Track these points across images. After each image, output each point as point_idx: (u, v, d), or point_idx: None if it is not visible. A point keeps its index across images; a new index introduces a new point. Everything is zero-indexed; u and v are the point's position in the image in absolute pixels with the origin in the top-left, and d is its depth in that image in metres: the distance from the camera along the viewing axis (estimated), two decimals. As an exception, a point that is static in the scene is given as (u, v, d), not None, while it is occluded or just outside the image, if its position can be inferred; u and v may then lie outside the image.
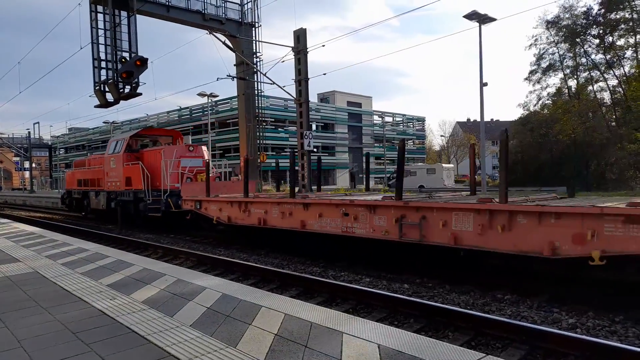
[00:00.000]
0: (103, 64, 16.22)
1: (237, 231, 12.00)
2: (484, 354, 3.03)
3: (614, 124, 34.01)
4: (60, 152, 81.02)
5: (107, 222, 18.10)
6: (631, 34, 33.91)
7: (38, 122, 71.44)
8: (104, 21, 16.27)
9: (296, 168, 14.48)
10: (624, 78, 34.35)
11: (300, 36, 19.67)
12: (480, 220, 6.43)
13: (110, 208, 17.35)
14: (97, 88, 16.04)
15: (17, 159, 64.64)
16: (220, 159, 47.61)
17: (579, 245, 5.53)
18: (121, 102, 16.13)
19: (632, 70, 33.87)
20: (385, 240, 7.79)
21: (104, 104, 16.30)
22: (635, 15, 33.41)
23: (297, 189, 13.33)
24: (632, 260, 5.39)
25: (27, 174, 61.64)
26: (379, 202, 7.94)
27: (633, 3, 33.17)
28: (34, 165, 67.16)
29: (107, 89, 15.88)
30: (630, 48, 34.32)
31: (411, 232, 7.32)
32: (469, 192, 9.77)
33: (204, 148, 16.80)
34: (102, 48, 16.26)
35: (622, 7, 33.37)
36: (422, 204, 7.29)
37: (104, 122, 60.60)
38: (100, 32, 16.29)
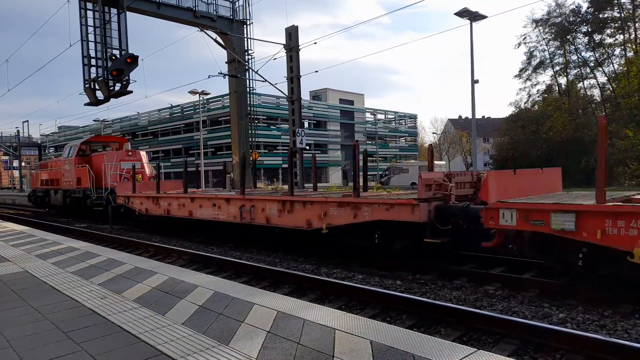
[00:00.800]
0: (93, 62, 16.05)
1: (155, 220, 14.47)
2: (475, 349, 3.05)
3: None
4: (50, 151, 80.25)
5: (64, 217, 20.90)
6: (620, 32, 34.26)
7: (27, 121, 70.37)
8: (94, 18, 16.09)
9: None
10: (613, 75, 34.70)
11: (292, 34, 19.63)
12: (279, 206, 9.77)
13: (66, 204, 20.31)
14: (87, 86, 15.88)
15: (6, 157, 63.96)
16: (211, 157, 47.45)
17: (319, 221, 8.78)
18: (111, 100, 16.00)
19: (621, 68, 34.22)
20: (235, 222, 10.88)
21: (94, 102, 16.16)
22: (623, 14, 33.74)
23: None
24: (342, 228, 8.54)
25: (16, 172, 61.04)
26: (232, 196, 11.06)
27: (622, 2, 33.51)
28: (23, 164, 66.42)
29: (97, 87, 15.73)
30: (618, 46, 34.68)
31: (246, 216, 10.48)
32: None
33: (143, 153, 20.20)
34: (92, 45, 16.08)
35: (610, 6, 33.68)
36: (251, 197, 10.42)
37: (94, 120, 60.10)
38: (90, 29, 16.11)
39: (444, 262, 8.04)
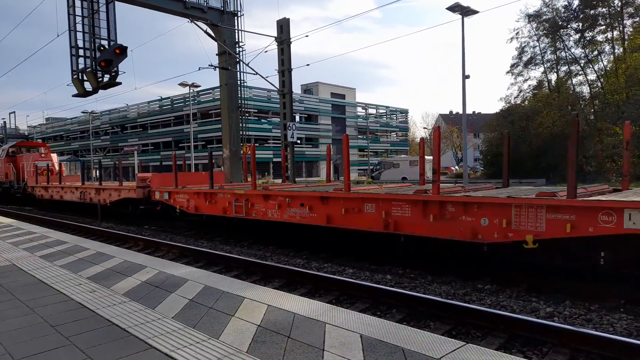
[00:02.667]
0: (81, 52, 15.78)
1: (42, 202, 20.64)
2: (464, 343, 3.08)
3: (592, 117, 34.69)
4: (38, 143, 79.17)
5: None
6: (609, 29, 34.54)
7: (14, 112, 69.57)
8: (82, 8, 15.81)
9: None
10: (603, 72, 35.02)
11: (283, 26, 19.51)
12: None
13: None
14: (75, 77, 15.61)
15: (-7, 149, 63.03)
16: (202, 150, 47.22)
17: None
18: (100, 91, 15.76)
19: (610, 65, 34.55)
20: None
21: (83, 94, 15.89)
22: (612, 11, 34.01)
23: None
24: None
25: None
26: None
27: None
28: (10, 155, 65.49)
29: (85, 78, 15.49)
30: (608, 43, 34.99)
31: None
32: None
33: (54, 155, 26.52)
34: (80, 36, 15.77)
35: (600, 3, 33.93)
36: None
37: (83, 112, 59.34)
38: (78, 19, 15.82)
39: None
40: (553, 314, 5.39)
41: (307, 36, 36.61)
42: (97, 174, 19.87)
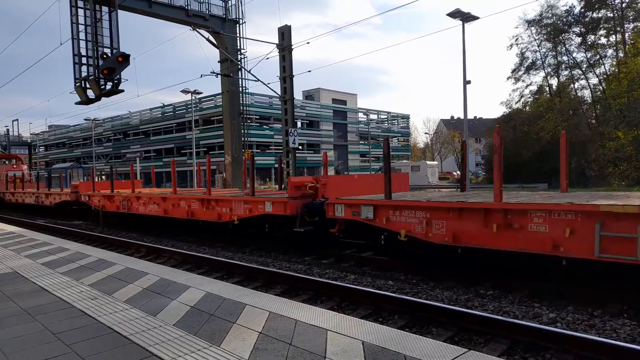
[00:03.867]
0: (84, 60, 15.91)
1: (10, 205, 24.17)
2: (467, 349, 3.07)
3: (594, 121, 34.66)
4: (40, 150, 79.47)
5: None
6: (612, 33, 34.60)
7: (17, 119, 69.54)
8: (85, 16, 15.95)
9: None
10: (605, 76, 35.02)
11: (284, 33, 19.61)
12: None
13: None
14: (77, 84, 15.73)
15: (-4, 156, 63.23)
16: (204, 157, 47.26)
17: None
18: (103, 99, 15.87)
19: (613, 69, 34.55)
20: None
21: (85, 101, 16.01)
22: (615, 14, 34.07)
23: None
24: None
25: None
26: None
27: (614, 2, 33.84)
28: (13, 163, 65.67)
29: (88, 86, 15.59)
30: (610, 47, 35.02)
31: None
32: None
33: (24, 166, 31.11)
34: (83, 44, 15.93)
35: (602, 6, 34.00)
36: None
37: (85, 120, 59.60)
38: (81, 27, 15.97)
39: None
40: (556, 319, 5.36)
41: (308, 43, 36.68)
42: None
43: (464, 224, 6.82)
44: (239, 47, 21.51)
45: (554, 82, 38.93)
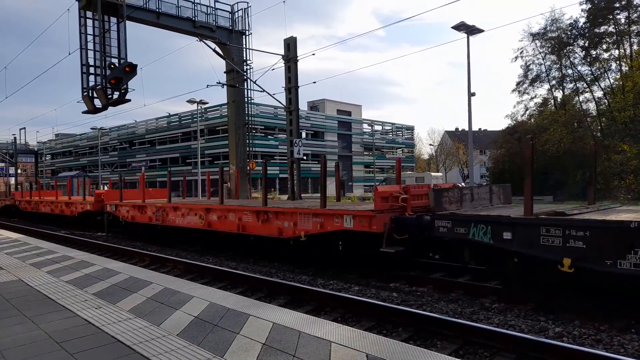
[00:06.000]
0: (92, 70, 16.07)
1: None
2: (472, 363, 3.04)
3: (599, 134, 34.56)
4: (47, 158, 79.99)
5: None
6: (615, 47, 34.66)
7: (24, 128, 70.16)
8: (94, 27, 16.15)
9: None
10: (609, 90, 35.01)
11: (290, 44, 19.75)
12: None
13: None
14: (85, 94, 15.86)
15: (2, 164, 63.71)
16: (208, 166, 47.44)
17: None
18: (109, 108, 15.98)
19: (617, 82, 34.54)
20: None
21: (92, 110, 16.12)
22: (619, 29, 34.17)
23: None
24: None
25: (12, 180, 60.79)
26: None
27: (617, 17, 33.96)
28: (19, 171, 66.19)
29: (95, 95, 15.73)
30: (614, 61, 35.06)
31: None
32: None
33: None
34: (91, 54, 16.09)
35: (606, 21, 34.12)
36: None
37: (92, 128, 60.01)
38: (90, 38, 16.16)
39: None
40: (562, 334, 5.30)
41: (314, 54, 37.07)
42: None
43: (247, 217, 10.78)
44: (244, 58, 21.68)
45: (558, 94, 38.99)
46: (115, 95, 15.24)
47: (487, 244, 6.54)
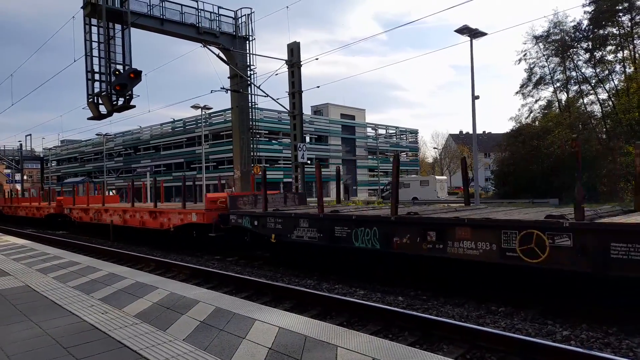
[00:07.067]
0: (97, 77, 16.19)
1: None
2: (479, 367, 3.02)
3: (604, 136, 34.42)
4: (53, 164, 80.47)
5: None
6: (619, 49, 34.56)
7: (30, 134, 70.80)
8: (98, 34, 16.28)
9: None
10: (614, 92, 34.87)
11: (293, 50, 19.83)
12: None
13: None
14: (90, 100, 15.98)
15: (9, 171, 64.11)
16: (213, 171, 47.58)
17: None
18: (114, 114, 16.09)
19: (622, 84, 34.41)
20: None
21: (97, 116, 16.23)
22: (622, 31, 34.08)
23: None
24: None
25: (18, 186, 61.17)
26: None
27: (620, 19, 33.88)
28: (25, 177, 66.60)
29: (100, 101, 15.84)
30: (618, 62, 34.93)
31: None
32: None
33: None
34: (96, 61, 16.22)
35: (609, 23, 34.04)
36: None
37: (97, 134, 60.32)
38: (95, 44, 16.29)
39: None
40: (570, 337, 5.27)
41: (317, 59, 37.13)
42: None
43: (145, 216, 14.94)
44: (248, 63, 21.77)
45: (563, 97, 38.86)
46: (120, 101, 15.34)
47: (249, 228, 10.90)
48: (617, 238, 5.31)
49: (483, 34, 23.94)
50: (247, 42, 22.03)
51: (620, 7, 33.40)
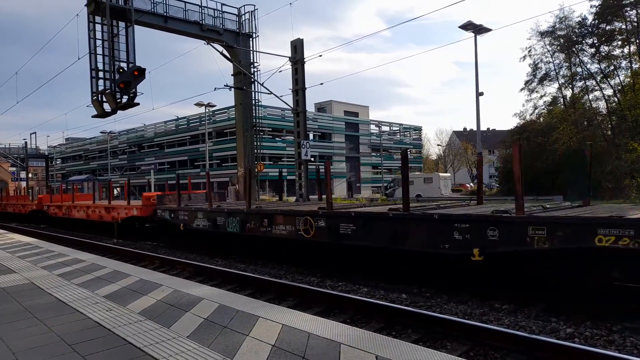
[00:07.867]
0: (101, 74, 16.22)
1: None
2: (482, 365, 3.02)
3: (609, 132, 34.19)
4: (57, 162, 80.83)
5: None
6: (625, 44, 34.25)
7: (35, 133, 70.86)
8: (102, 32, 16.30)
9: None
10: (620, 87, 34.60)
11: (297, 46, 19.80)
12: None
13: None
14: (94, 98, 16.02)
15: (14, 169, 64.45)
16: (217, 169, 47.69)
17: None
18: (118, 112, 16.13)
19: (628, 80, 34.13)
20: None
21: (102, 114, 16.27)
22: (629, 26, 33.77)
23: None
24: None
25: (23, 184, 61.53)
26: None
27: (627, 14, 33.56)
28: (30, 175, 66.91)
29: (104, 99, 15.88)
30: (625, 58, 34.64)
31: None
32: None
33: None
34: (100, 58, 16.25)
35: (616, 18, 33.73)
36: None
37: (101, 132, 60.65)
38: (99, 42, 16.32)
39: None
40: (573, 334, 5.26)
41: (320, 56, 36.97)
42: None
43: (102, 211, 17.93)
44: (252, 61, 21.75)
45: (568, 93, 38.59)
46: (124, 99, 15.36)
47: (168, 219, 13.96)
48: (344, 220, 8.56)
49: (487, 29, 23.85)
50: (251, 39, 22.01)
51: (627, 2, 33.09)
